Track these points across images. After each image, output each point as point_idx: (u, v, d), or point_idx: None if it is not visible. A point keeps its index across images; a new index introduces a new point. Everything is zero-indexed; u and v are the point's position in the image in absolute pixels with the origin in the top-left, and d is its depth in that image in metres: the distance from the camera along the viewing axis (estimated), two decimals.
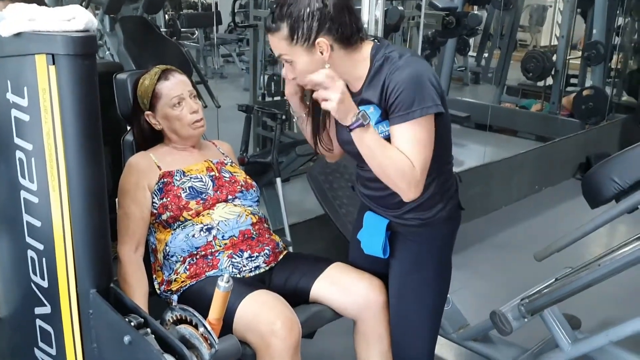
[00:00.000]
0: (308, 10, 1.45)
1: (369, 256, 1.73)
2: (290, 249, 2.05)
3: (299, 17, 1.45)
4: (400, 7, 3.91)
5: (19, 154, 1.39)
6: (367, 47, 1.55)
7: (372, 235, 1.68)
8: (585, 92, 5.44)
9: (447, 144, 1.62)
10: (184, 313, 1.37)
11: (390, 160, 1.48)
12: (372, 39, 1.58)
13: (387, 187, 1.55)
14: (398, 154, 1.48)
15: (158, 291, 1.83)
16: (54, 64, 1.26)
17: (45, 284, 1.46)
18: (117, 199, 1.86)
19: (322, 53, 1.48)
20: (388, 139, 1.51)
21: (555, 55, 5.98)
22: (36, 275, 1.47)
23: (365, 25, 2.51)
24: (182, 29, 6.42)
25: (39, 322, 1.52)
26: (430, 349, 1.78)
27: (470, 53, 8.25)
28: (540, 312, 2.09)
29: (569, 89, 6.28)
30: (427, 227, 1.65)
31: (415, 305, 1.72)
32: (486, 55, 7.78)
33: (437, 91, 1.48)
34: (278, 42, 1.50)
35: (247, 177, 1.96)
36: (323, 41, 1.47)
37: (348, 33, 1.50)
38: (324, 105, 1.44)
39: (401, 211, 1.64)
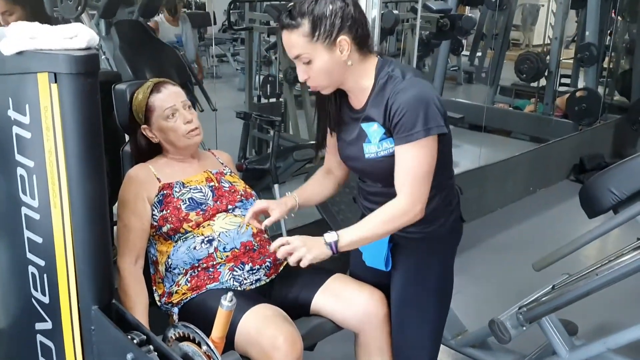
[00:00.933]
0: (331, 7, 1.45)
1: (370, 267, 1.73)
2: None
3: (322, 14, 1.45)
4: (395, 11, 3.91)
5: (20, 171, 1.38)
6: (373, 60, 1.56)
7: (375, 247, 1.68)
8: (578, 94, 5.46)
9: (449, 160, 1.63)
10: (186, 330, 1.37)
11: (382, 227, 1.54)
12: (376, 54, 1.59)
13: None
14: (382, 214, 1.53)
15: (158, 303, 1.82)
16: (55, 82, 1.26)
17: (46, 299, 1.45)
18: (116, 209, 1.86)
19: (341, 52, 1.48)
20: (394, 155, 1.52)
21: (548, 56, 6.00)
22: (37, 291, 1.46)
23: None
24: None
25: (39, 337, 1.52)
26: None
27: (463, 52, 8.27)
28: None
29: (561, 88, 6.30)
30: (430, 240, 1.66)
31: (418, 317, 1.72)
32: (479, 54, 7.79)
33: (440, 112, 1.48)
34: (297, 39, 1.47)
35: (247, 186, 1.96)
36: (345, 39, 1.47)
37: (366, 35, 1.51)
38: (302, 264, 1.49)
39: None
